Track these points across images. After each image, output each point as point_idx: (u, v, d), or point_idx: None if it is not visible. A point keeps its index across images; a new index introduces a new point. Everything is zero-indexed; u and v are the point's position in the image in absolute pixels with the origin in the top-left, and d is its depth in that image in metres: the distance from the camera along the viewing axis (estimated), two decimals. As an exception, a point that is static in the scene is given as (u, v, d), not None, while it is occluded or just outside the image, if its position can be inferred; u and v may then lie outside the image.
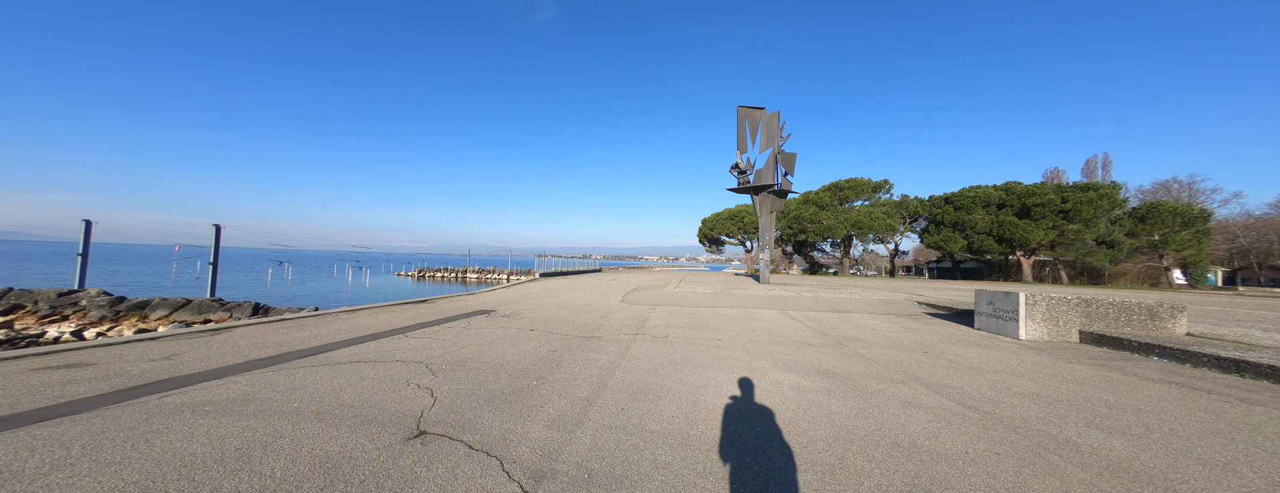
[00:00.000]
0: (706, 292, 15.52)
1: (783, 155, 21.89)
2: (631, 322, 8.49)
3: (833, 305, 11.94)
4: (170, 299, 14.92)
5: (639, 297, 13.59)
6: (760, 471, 2.51)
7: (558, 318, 8.81)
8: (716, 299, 13.08)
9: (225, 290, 27.91)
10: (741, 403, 3.73)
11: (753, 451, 2.78)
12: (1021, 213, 36.17)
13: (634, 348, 6.00)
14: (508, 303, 11.53)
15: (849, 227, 43.30)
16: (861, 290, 18.49)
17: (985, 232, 37.45)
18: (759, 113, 22.41)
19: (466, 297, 12.98)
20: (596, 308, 10.67)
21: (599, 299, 12.83)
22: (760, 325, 8.36)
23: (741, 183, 22.80)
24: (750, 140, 22.65)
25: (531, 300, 12.31)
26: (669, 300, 12.60)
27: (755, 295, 14.23)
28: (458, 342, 6.14)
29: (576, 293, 14.95)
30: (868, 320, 9.36)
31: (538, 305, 11.05)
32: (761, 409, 3.58)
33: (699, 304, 11.82)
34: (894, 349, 6.23)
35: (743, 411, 3.54)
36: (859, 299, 13.42)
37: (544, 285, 18.50)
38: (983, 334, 7.68)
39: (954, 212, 39.99)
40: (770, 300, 12.96)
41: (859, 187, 46.93)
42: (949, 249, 39.40)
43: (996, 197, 37.49)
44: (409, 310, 9.82)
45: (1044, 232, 33.52)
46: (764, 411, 3.55)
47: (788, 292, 16.36)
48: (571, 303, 11.73)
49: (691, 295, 14.01)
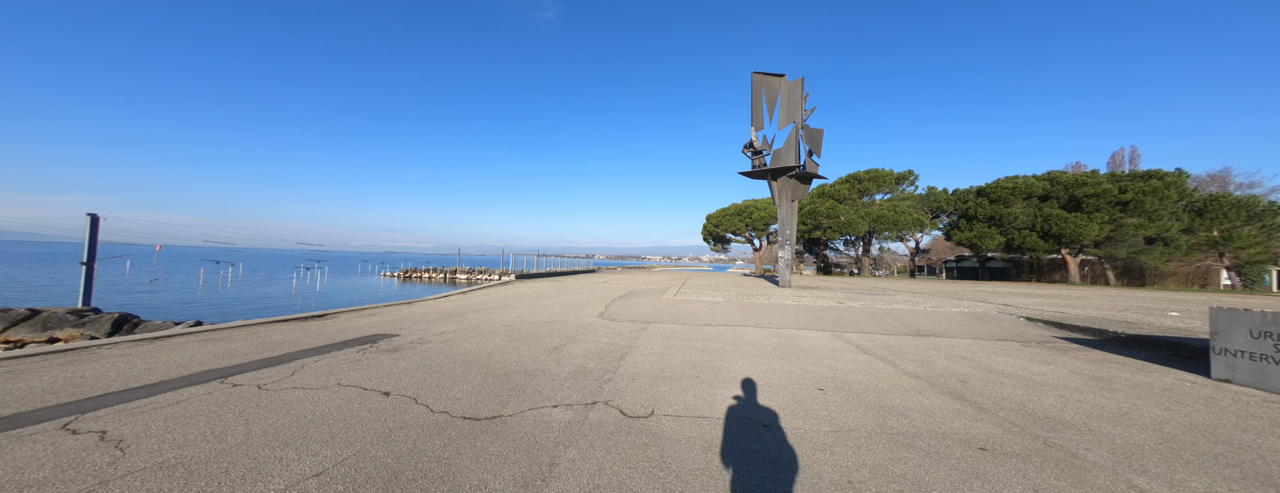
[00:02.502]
0: (717, 299, 12.07)
1: (807, 131, 18.39)
2: (599, 360, 5.05)
3: (903, 322, 8.45)
4: (12, 311, 11.57)
5: (627, 309, 10.14)
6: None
7: (477, 353, 5.36)
8: (733, 312, 9.62)
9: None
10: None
11: None
12: (1070, 205, 32.50)
13: (572, 451, 2.59)
14: (431, 321, 8.08)
15: (871, 222, 39.71)
16: (915, 297, 14.98)
17: (1027, 227, 33.81)
18: (778, 80, 18.91)
19: (382, 310, 9.55)
20: (558, 329, 7.22)
21: (570, 312, 9.39)
22: (821, 368, 4.91)
23: (756, 165, 19.30)
24: (767, 114, 19.16)
25: (472, 316, 8.87)
26: (667, 314, 9.15)
27: (784, 306, 10.77)
28: (212, 425, 2.71)
29: (547, 302, 11.51)
30: (990, 355, 5.88)
31: (472, 325, 7.61)
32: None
33: (710, 321, 8.36)
34: (1158, 452, 2.80)
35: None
36: (931, 312, 9.94)
37: (512, 291, 15.07)
38: (1267, 397, 4.20)
39: (989, 205, 36.35)
40: (808, 314, 9.49)
41: (880, 178, 43.29)
42: (983, 247, 35.80)
43: (1039, 187, 33.84)
44: (284, 331, 6.44)
45: (1099, 226, 29.89)
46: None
47: (822, 299, 12.89)
48: (527, 320, 8.30)
49: (698, 307, 10.55)
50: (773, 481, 2.40)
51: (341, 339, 6.24)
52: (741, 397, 3.84)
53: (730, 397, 3.84)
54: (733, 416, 3.37)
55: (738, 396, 3.88)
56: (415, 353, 5.36)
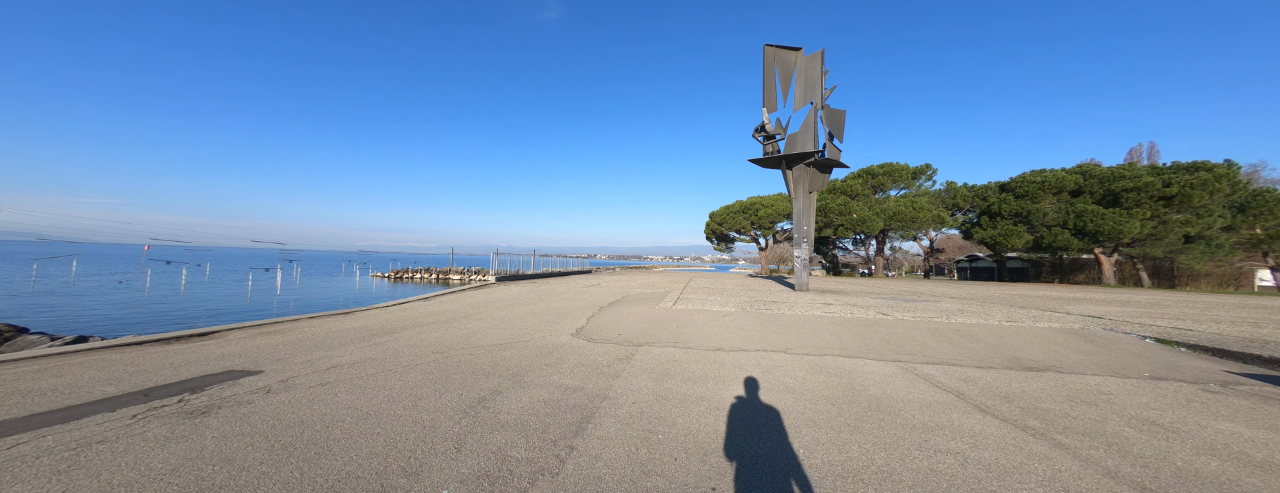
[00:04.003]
0: (727, 309, 9.92)
1: (827, 112, 16.21)
2: (542, 432, 2.90)
3: (987, 346, 6.27)
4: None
5: (613, 323, 7.99)
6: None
7: (343, 416, 3.21)
8: (751, 327, 7.46)
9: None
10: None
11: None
12: (1107, 200, 30.25)
13: None
14: (338, 345, 5.93)
15: (886, 219, 37.48)
16: (964, 304, 12.81)
17: (1058, 224, 31.57)
18: (793, 54, 16.73)
19: (290, 326, 7.39)
20: (510, 357, 5.07)
21: (539, 328, 7.24)
22: (935, 457, 2.74)
23: (768, 152, 17.13)
24: (781, 94, 16.97)
25: (406, 334, 6.73)
26: (663, 332, 6.99)
27: (814, 319, 8.60)
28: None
29: (517, 311, 9.37)
30: (1190, 414, 3.72)
31: (390, 352, 5.46)
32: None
33: (722, 343, 6.20)
34: None
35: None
36: (1011, 328, 7.77)
37: (483, 297, 12.93)
38: None
39: (1014, 201, 34.08)
40: (850, 331, 7.33)
41: (895, 173, 41.02)
42: (1009, 245, 33.55)
43: (1071, 181, 31.58)
44: (124, 360, 4.32)
45: (1140, 222, 27.63)
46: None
47: (855, 307, 10.72)
48: (475, 341, 6.15)
49: (704, 320, 8.39)
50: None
51: (168, 379, 4.12)
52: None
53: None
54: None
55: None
56: (237, 415, 3.22)
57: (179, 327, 8.74)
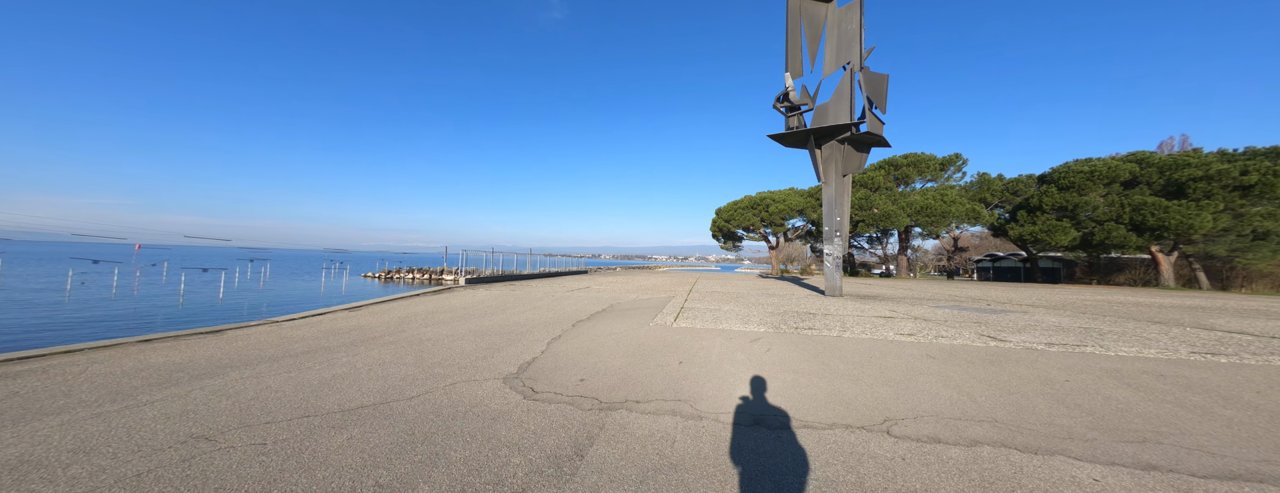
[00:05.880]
0: (752, 329, 7.12)
1: (867, 76, 13.35)
2: None
3: (1255, 412, 3.43)
4: None
5: (584, 352, 5.18)
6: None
7: None
8: (800, 364, 4.66)
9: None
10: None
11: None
12: (1169, 191, 27.07)
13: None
14: (102, 398, 3.13)
15: (913, 214, 34.42)
16: (1080, 318, 9.95)
17: (1110, 218, 28.42)
18: (823, 6, 13.87)
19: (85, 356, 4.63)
20: (356, 444, 2.29)
21: (462, 367, 4.44)
22: None
23: (791, 126, 14.27)
24: (808, 55, 14.13)
25: (236, 376, 3.95)
26: (656, 377, 4.19)
27: (892, 347, 5.77)
28: None
29: (453, 330, 6.57)
30: None
31: (120, 432, 2.66)
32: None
33: (763, 407, 3.39)
34: None
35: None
36: (1214, 366, 4.92)
37: (433, 305, 10.15)
38: None
39: (1057, 193, 30.95)
40: (971, 375, 4.50)
41: (921, 164, 37.93)
42: (1053, 242, 30.44)
43: (1125, 171, 28.43)
44: None
45: (1212, 216, 24.53)
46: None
47: (934, 327, 7.89)
48: (319, 405, 3.37)
49: (721, 347, 5.59)
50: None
51: None
52: None
53: None
54: None
55: None
56: None
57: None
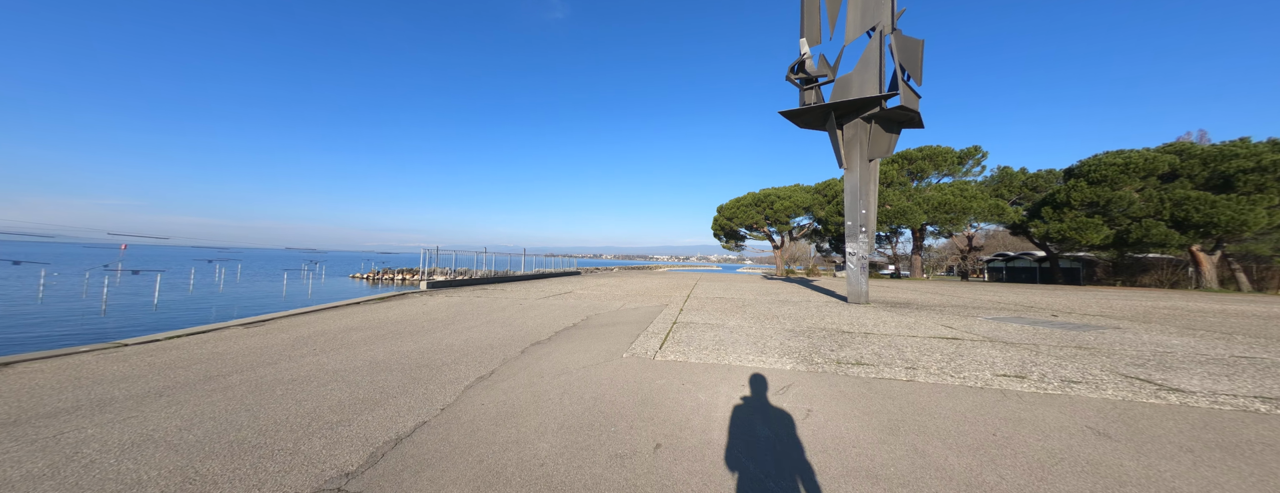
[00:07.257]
0: (771, 365, 5.08)
1: (900, 40, 11.25)
2: None
3: None
4: None
5: (511, 411, 3.11)
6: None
7: None
8: (881, 470, 2.62)
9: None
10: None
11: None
12: (1214, 185, 24.94)
13: None
14: None
15: (930, 210, 32.29)
16: (1234, 344, 7.89)
17: (1148, 214, 26.26)
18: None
19: None
20: None
21: (299, 439, 2.40)
22: None
23: (807, 101, 12.18)
24: (828, 18, 12.04)
25: None
26: (610, 481, 2.15)
27: (1010, 403, 3.72)
28: None
29: (353, 359, 4.53)
30: None
31: None
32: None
33: None
34: None
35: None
36: None
37: (352, 319, 8.10)
38: None
39: (1087, 188, 28.76)
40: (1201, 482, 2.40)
41: (938, 157, 35.77)
42: (1084, 240, 28.31)
43: (1164, 163, 26.28)
44: None
45: (1265, 211, 22.42)
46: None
47: (1025, 354, 5.84)
48: None
49: (725, 400, 3.51)
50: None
51: None
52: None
53: None
54: None
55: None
56: None
57: None
